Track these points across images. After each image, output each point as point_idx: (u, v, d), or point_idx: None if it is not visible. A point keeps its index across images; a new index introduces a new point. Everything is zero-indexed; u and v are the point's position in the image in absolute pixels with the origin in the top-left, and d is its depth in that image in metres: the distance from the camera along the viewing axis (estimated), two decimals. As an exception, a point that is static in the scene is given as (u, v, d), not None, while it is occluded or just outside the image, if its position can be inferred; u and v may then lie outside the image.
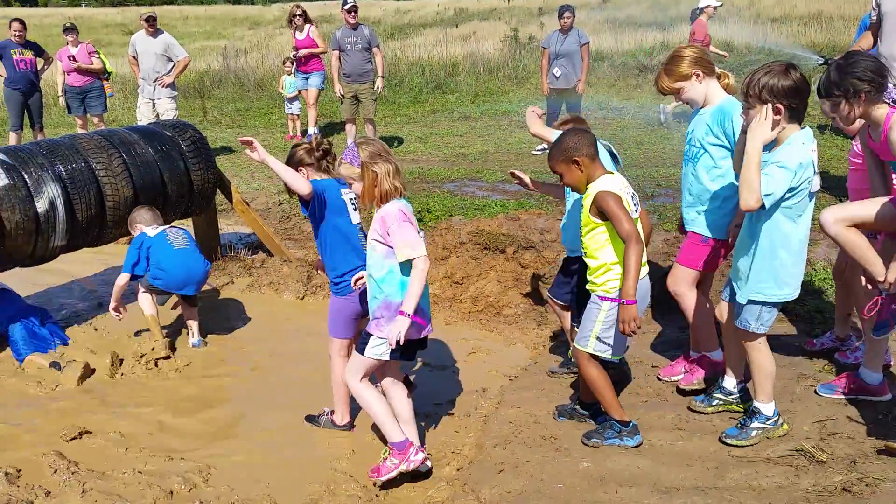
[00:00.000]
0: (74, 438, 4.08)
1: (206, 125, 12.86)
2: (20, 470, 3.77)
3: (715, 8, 11.19)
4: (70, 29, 10.36)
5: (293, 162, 4.04)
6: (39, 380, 4.77)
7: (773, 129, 3.21)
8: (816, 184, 3.35)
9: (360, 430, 4.18)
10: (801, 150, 3.23)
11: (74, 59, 10.14)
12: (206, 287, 5.65)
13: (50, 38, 15.45)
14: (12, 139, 10.29)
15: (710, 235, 3.96)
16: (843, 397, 3.90)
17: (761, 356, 3.57)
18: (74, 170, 5.17)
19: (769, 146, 3.34)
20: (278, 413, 4.38)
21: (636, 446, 3.66)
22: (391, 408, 3.66)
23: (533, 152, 9.85)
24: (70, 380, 4.72)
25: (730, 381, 3.89)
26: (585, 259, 3.68)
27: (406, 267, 3.41)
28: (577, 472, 3.51)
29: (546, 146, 3.92)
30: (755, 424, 3.59)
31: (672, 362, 4.45)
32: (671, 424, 3.87)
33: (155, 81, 9.78)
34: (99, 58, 10.44)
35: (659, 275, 5.58)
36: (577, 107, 9.83)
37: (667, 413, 3.97)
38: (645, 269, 3.59)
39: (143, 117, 9.86)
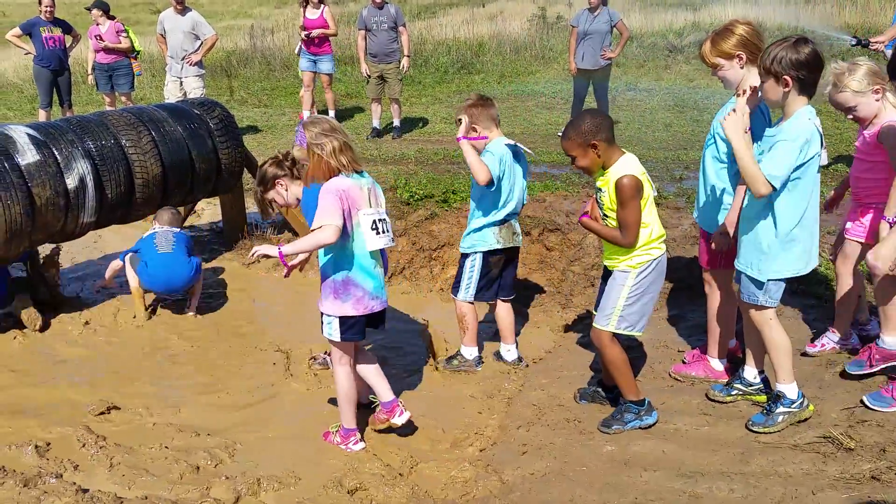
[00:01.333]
0: (102, 413, 4.14)
1: (233, 104, 12.88)
2: (49, 443, 3.83)
3: None
4: (98, 6, 10.38)
5: (268, 179, 4.08)
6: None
7: (782, 100, 3.25)
8: (824, 158, 3.33)
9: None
10: (806, 124, 3.22)
11: (101, 38, 10.19)
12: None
13: (79, 17, 15.50)
14: (42, 116, 10.38)
15: (708, 231, 3.89)
16: (871, 370, 3.80)
17: (774, 332, 3.50)
18: (104, 146, 5.21)
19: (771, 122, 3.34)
20: (302, 390, 4.41)
21: (654, 423, 3.67)
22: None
23: (559, 133, 9.75)
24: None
25: (750, 372, 3.82)
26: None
27: (336, 246, 3.45)
28: (601, 455, 3.50)
29: None
30: (780, 409, 3.54)
31: (689, 362, 4.31)
32: (697, 410, 3.84)
33: (182, 59, 9.80)
34: (127, 36, 10.47)
35: (687, 259, 5.53)
36: (605, 87, 9.72)
37: (692, 398, 3.94)
38: (663, 247, 3.62)
39: (171, 95, 9.90)
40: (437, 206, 6.70)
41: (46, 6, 10.12)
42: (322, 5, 10.41)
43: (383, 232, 3.54)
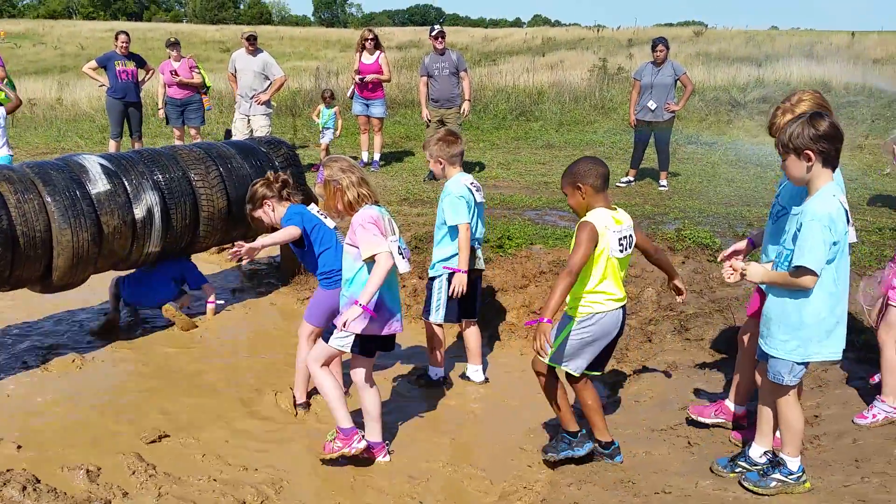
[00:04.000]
0: (154, 441, 4.17)
1: (296, 143, 13.17)
2: (100, 468, 3.87)
3: None
4: (174, 44, 10.78)
5: (256, 199, 4.51)
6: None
7: (805, 175, 3.22)
8: (852, 235, 3.28)
9: (433, 458, 4.13)
10: (830, 203, 3.18)
11: (176, 73, 10.54)
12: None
13: (151, 52, 16.18)
14: (112, 147, 10.74)
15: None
16: None
17: (792, 411, 3.44)
18: (172, 179, 5.35)
19: (801, 196, 3.32)
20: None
21: (586, 455, 3.85)
22: (366, 404, 4.00)
23: (617, 184, 9.70)
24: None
25: (756, 450, 3.67)
26: None
27: (369, 271, 3.65)
28: (656, 519, 3.37)
29: (631, 179, 4.00)
30: (777, 476, 3.48)
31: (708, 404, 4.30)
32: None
33: (251, 98, 10.06)
34: (199, 72, 10.82)
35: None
36: (666, 139, 9.65)
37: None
38: (610, 306, 3.70)
39: (238, 132, 10.15)
40: (493, 251, 6.67)
41: (122, 41, 10.54)
42: (378, 51, 10.57)
43: (405, 257, 3.78)
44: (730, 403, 4.17)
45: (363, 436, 3.90)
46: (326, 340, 3.86)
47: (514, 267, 6.37)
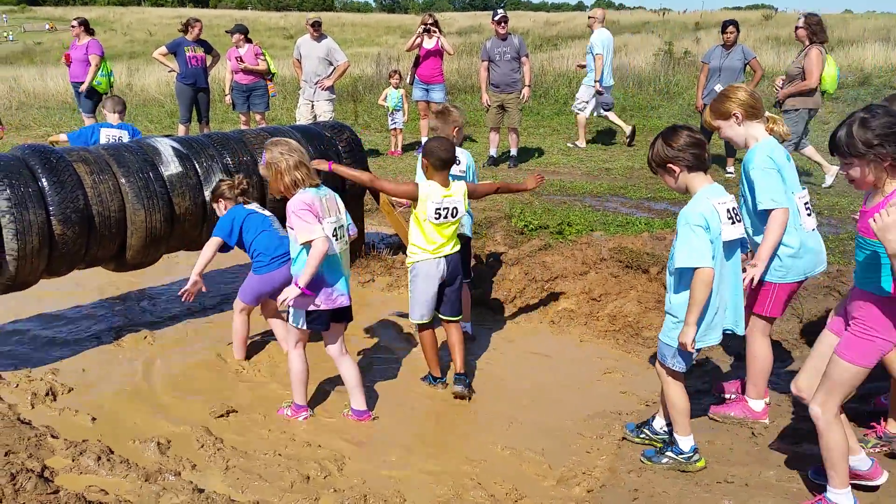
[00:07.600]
0: (222, 416, 4.31)
1: (357, 128, 13.29)
2: (170, 441, 4.02)
3: None
4: (239, 30, 10.96)
5: (216, 194, 4.98)
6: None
7: (680, 184, 3.51)
8: (729, 233, 3.45)
9: (491, 441, 4.17)
10: (702, 205, 3.41)
11: (241, 60, 10.74)
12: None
13: (217, 38, 16.40)
14: (181, 131, 11.01)
15: (764, 279, 3.88)
16: None
17: (671, 391, 3.69)
18: (241, 163, 5.47)
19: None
20: (414, 411, 4.45)
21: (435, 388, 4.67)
22: (347, 376, 4.31)
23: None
24: None
25: (658, 422, 3.98)
26: None
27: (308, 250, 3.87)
28: (718, 508, 3.34)
29: None
30: (669, 454, 3.73)
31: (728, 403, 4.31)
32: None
33: (315, 84, 10.19)
34: (264, 59, 10.99)
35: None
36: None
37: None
38: (432, 255, 4.41)
39: (302, 117, 10.31)
40: (552, 237, 6.65)
41: (196, 28, 10.77)
42: (437, 36, 10.54)
43: (340, 238, 4.04)
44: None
45: (310, 415, 4.32)
46: (287, 321, 4.23)
47: (573, 253, 6.34)
